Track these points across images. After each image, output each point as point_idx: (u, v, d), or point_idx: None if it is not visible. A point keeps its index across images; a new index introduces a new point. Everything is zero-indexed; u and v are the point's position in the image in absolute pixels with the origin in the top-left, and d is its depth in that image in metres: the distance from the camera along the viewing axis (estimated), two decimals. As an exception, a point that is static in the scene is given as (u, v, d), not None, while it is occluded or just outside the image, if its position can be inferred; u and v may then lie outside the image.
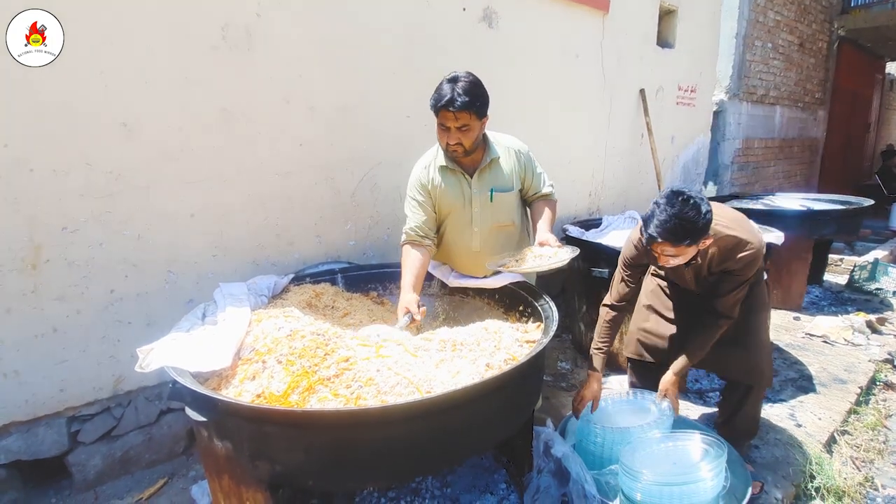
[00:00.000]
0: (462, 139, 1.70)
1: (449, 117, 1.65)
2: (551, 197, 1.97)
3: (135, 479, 1.91)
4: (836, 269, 4.90)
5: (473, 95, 1.64)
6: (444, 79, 1.70)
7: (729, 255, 1.64)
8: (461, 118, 1.65)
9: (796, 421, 2.30)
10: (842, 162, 8.79)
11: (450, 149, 1.75)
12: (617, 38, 3.68)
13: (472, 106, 1.64)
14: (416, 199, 1.87)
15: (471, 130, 1.70)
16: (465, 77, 1.68)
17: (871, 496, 1.93)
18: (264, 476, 1.00)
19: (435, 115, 1.70)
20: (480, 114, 1.69)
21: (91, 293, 1.73)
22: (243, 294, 1.58)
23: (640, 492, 1.50)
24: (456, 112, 1.62)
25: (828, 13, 7.43)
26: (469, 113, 1.64)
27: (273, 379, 1.08)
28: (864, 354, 3.02)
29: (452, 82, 1.66)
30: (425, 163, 1.90)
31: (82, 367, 1.75)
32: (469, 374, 1.12)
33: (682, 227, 1.44)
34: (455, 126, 1.67)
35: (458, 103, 1.61)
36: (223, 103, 1.93)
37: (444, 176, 1.85)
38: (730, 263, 1.65)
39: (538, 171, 1.96)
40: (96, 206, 1.69)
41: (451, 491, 1.77)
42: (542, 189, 1.95)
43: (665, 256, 1.54)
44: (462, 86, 1.63)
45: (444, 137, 1.73)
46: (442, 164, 1.84)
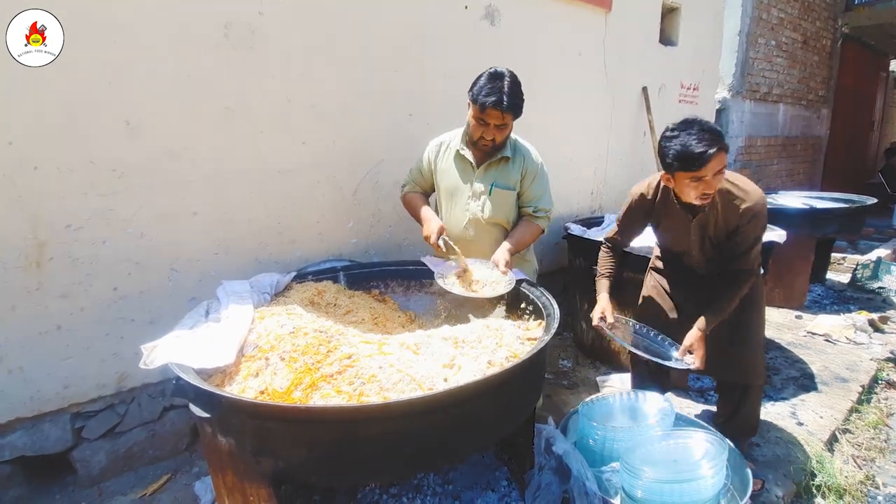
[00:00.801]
0: (496, 135, 1.76)
1: (495, 116, 1.70)
2: (538, 220, 1.92)
3: (138, 475, 1.93)
4: (839, 267, 4.89)
5: (518, 98, 1.72)
6: (487, 73, 1.73)
7: (731, 207, 1.64)
8: (504, 118, 1.71)
9: (798, 419, 2.30)
10: (845, 160, 8.75)
11: (482, 142, 1.80)
12: (619, 36, 3.67)
13: (516, 109, 1.72)
14: (421, 169, 2.02)
15: (506, 129, 1.78)
16: (509, 75, 1.72)
17: (872, 494, 1.93)
18: (267, 472, 1.00)
19: (478, 109, 1.72)
20: (518, 115, 1.76)
21: (95, 291, 1.74)
22: (246, 292, 1.59)
23: (640, 489, 1.50)
24: (503, 112, 1.68)
25: (832, 10, 7.39)
26: (512, 114, 1.72)
27: (276, 376, 1.08)
28: (866, 353, 3.02)
29: (498, 79, 1.69)
30: (440, 141, 1.98)
31: (86, 364, 1.77)
32: (471, 371, 1.13)
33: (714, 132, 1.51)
34: (495, 123, 1.72)
35: (506, 104, 1.66)
36: (226, 101, 1.93)
37: (455, 161, 1.93)
38: (734, 218, 1.65)
39: (540, 188, 1.93)
40: (100, 204, 1.70)
41: (453, 488, 1.78)
42: (532, 205, 1.91)
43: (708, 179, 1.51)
44: (509, 86, 1.69)
45: (480, 131, 1.76)
46: (456, 149, 1.91)
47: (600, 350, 2.86)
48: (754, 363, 1.86)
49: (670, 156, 1.53)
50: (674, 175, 1.58)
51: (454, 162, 1.93)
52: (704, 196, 1.55)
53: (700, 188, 1.53)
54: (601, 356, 2.88)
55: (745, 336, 1.85)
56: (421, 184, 2.05)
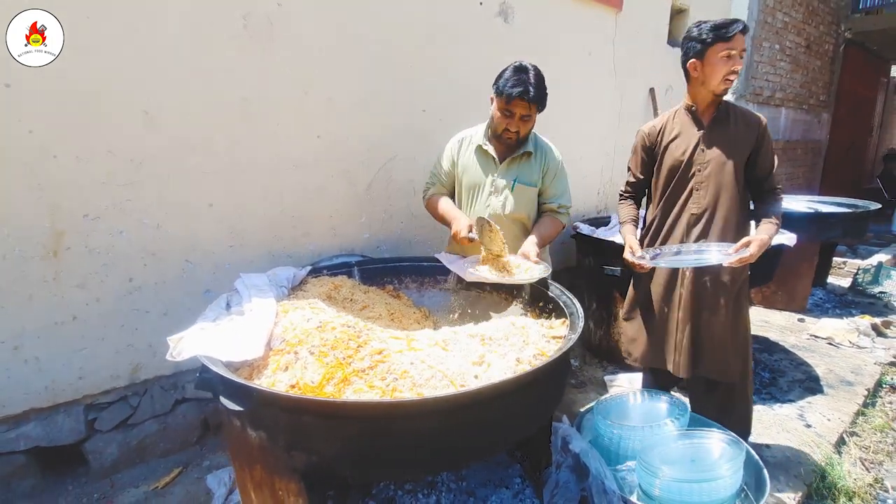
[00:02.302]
0: (521, 127, 1.78)
1: (521, 106, 1.72)
2: (560, 215, 1.94)
3: (150, 467, 1.92)
4: (840, 271, 4.93)
5: (543, 90, 1.74)
6: (512, 66, 1.75)
7: (749, 119, 1.80)
8: (530, 109, 1.74)
9: (805, 421, 2.32)
10: (844, 165, 8.81)
11: (507, 134, 1.80)
12: (629, 36, 3.68)
13: (541, 99, 1.74)
14: (442, 165, 2.00)
15: (530, 122, 1.79)
16: (534, 69, 1.75)
17: (881, 497, 1.95)
18: (299, 466, 1.00)
19: (504, 101, 1.74)
20: (543, 107, 1.79)
21: (111, 281, 1.72)
22: (266, 285, 1.58)
23: (658, 488, 1.51)
24: (530, 103, 1.70)
25: (835, 15, 7.42)
26: (538, 106, 1.74)
27: (307, 370, 1.08)
28: (869, 357, 3.05)
29: (524, 72, 1.72)
30: (463, 135, 1.98)
31: (100, 355, 1.75)
32: (500, 369, 1.13)
33: None
34: (521, 114, 1.74)
35: (532, 95, 1.69)
36: (243, 93, 1.92)
37: (477, 155, 1.93)
38: (754, 130, 1.78)
39: (561, 184, 1.95)
40: (117, 194, 1.69)
41: (467, 485, 1.78)
42: (554, 201, 1.93)
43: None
44: (534, 78, 1.72)
45: (505, 123, 1.78)
46: (478, 144, 1.92)
47: (608, 349, 2.87)
48: (749, 362, 1.89)
49: (705, 31, 1.68)
50: (706, 54, 1.69)
51: (476, 157, 1.93)
52: (730, 77, 1.69)
53: (729, 65, 1.67)
54: (608, 356, 2.89)
55: (744, 337, 1.86)
56: (444, 183, 2.02)
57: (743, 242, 1.65)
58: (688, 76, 1.81)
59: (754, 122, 1.79)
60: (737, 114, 1.82)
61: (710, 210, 1.80)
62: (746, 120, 1.80)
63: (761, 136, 1.78)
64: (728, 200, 1.78)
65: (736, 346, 1.84)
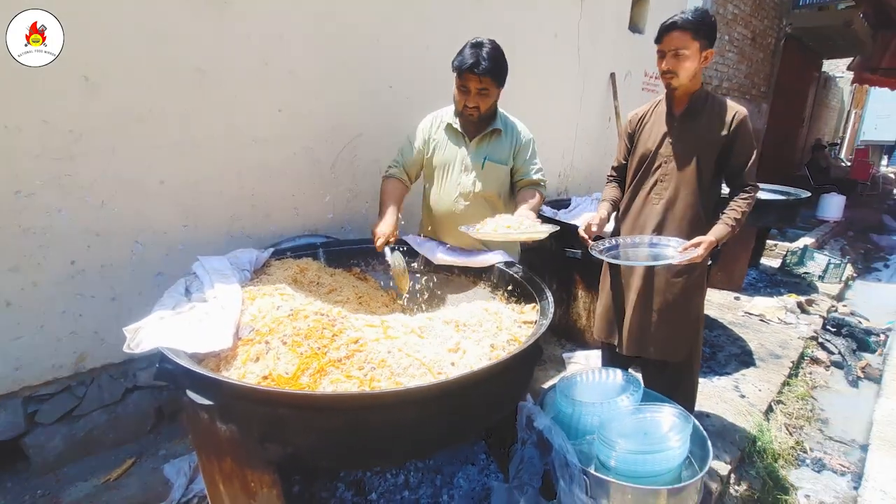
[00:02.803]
0: (480, 103, 1.76)
1: (473, 80, 1.70)
2: (540, 186, 1.99)
3: (99, 460, 1.82)
4: (770, 253, 5.36)
5: (497, 63, 1.71)
6: (469, 42, 1.73)
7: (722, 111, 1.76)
8: (484, 82, 1.71)
9: (740, 392, 2.54)
10: (777, 153, 9.47)
11: (466, 111, 1.79)
12: (593, 20, 3.71)
13: (496, 73, 1.71)
14: (412, 143, 1.95)
15: (489, 96, 1.77)
16: (490, 44, 1.72)
17: (801, 458, 2.19)
18: (274, 458, 0.98)
19: (458, 76, 1.73)
20: (500, 82, 1.76)
21: (49, 264, 1.58)
22: (227, 269, 1.51)
23: (615, 459, 1.61)
24: (480, 76, 1.67)
25: (779, 10, 7.83)
26: (491, 79, 1.71)
27: (280, 360, 1.05)
28: (794, 332, 3.36)
29: (478, 47, 1.69)
30: (435, 115, 1.96)
31: (40, 343, 1.62)
32: (476, 356, 1.15)
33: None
34: (476, 88, 1.72)
35: (483, 66, 1.66)
36: (197, 62, 1.77)
37: (447, 133, 1.92)
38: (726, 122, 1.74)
39: (533, 159, 1.98)
40: (54, 169, 1.53)
41: (434, 462, 1.83)
42: (531, 175, 1.97)
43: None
44: (487, 51, 1.68)
45: (463, 99, 1.76)
46: (448, 123, 1.90)
47: (566, 328, 2.99)
48: (696, 342, 1.97)
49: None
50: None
51: (447, 135, 1.91)
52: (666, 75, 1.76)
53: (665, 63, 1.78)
54: (566, 334, 3.01)
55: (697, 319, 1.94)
56: (407, 165, 1.97)
57: (693, 242, 1.68)
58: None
59: (730, 116, 1.74)
60: (714, 106, 1.77)
61: (671, 204, 1.83)
62: (721, 113, 1.75)
63: (735, 130, 1.72)
64: (689, 196, 1.80)
65: (685, 329, 1.92)
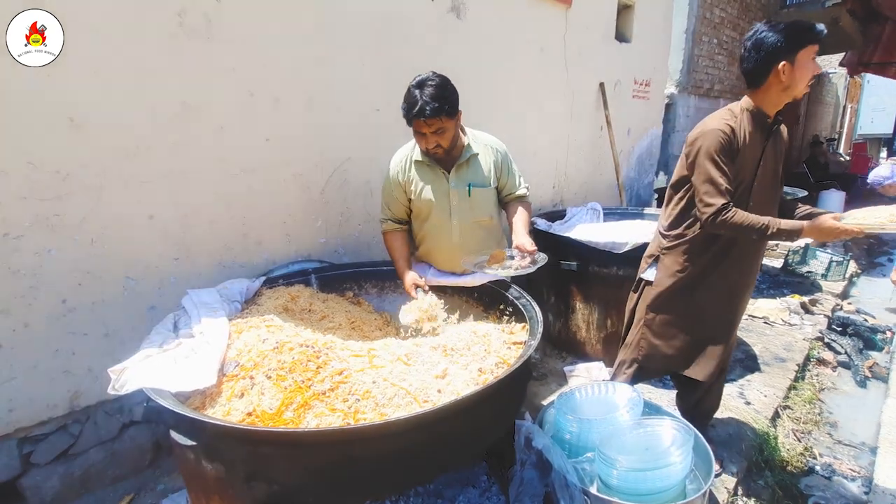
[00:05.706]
0: (440, 141, 1.73)
1: (422, 125, 1.68)
2: (526, 198, 2.00)
3: (98, 497, 1.80)
4: (772, 253, 5.31)
5: (442, 99, 1.66)
6: (411, 84, 1.70)
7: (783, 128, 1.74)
8: (434, 124, 1.68)
9: (745, 399, 2.50)
10: (775, 152, 9.43)
11: (432, 152, 1.77)
12: (579, 32, 3.74)
13: (442, 111, 1.66)
14: (392, 194, 1.92)
15: (447, 131, 1.73)
16: (432, 80, 1.68)
17: (810, 464, 2.14)
18: (261, 497, 0.97)
19: (408, 123, 1.72)
20: (451, 114, 1.71)
21: (40, 304, 1.59)
22: (216, 302, 1.51)
23: (616, 477, 1.58)
24: (427, 119, 1.65)
25: (766, 11, 7.89)
26: (440, 118, 1.67)
27: (264, 396, 1.04)
28: (799, 334, 3.31)
29: (419, 88, 1.67)
30: (401, 157, 1.91)
31: (33, 384, 1.62)
32: (463, 381, 1.14)
33: None
34: (430, 131, 1.70)
35: (429, 111, 1.63)
36: (182, 96, 1.80)
37: (421, 171, 1.87)
38: (786, 138, 1.76)
39: (515, 172, 1.98)
40: (42, 209, 1.55)
41: (435, 486, 1.80)
42: (517, 190, 1.97)
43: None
44: (429, 92, 1.64)
45: (423, 143, 1.75)
46: (417, 160, 1.86)
47: (566, 340, 2.97)
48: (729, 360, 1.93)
49: (800, 29, 1.54)
50: (797, 55, 1.55)
51: (421, 173, 1.86)
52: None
53: (813, 66, 1.59)
54: (567, 346, 2.98)
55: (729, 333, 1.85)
56: (396, 211, 1.94)
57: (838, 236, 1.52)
58: (762, 80, 1.62)
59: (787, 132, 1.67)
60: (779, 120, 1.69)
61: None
62: (786, 128, 1.67)
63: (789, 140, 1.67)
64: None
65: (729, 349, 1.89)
